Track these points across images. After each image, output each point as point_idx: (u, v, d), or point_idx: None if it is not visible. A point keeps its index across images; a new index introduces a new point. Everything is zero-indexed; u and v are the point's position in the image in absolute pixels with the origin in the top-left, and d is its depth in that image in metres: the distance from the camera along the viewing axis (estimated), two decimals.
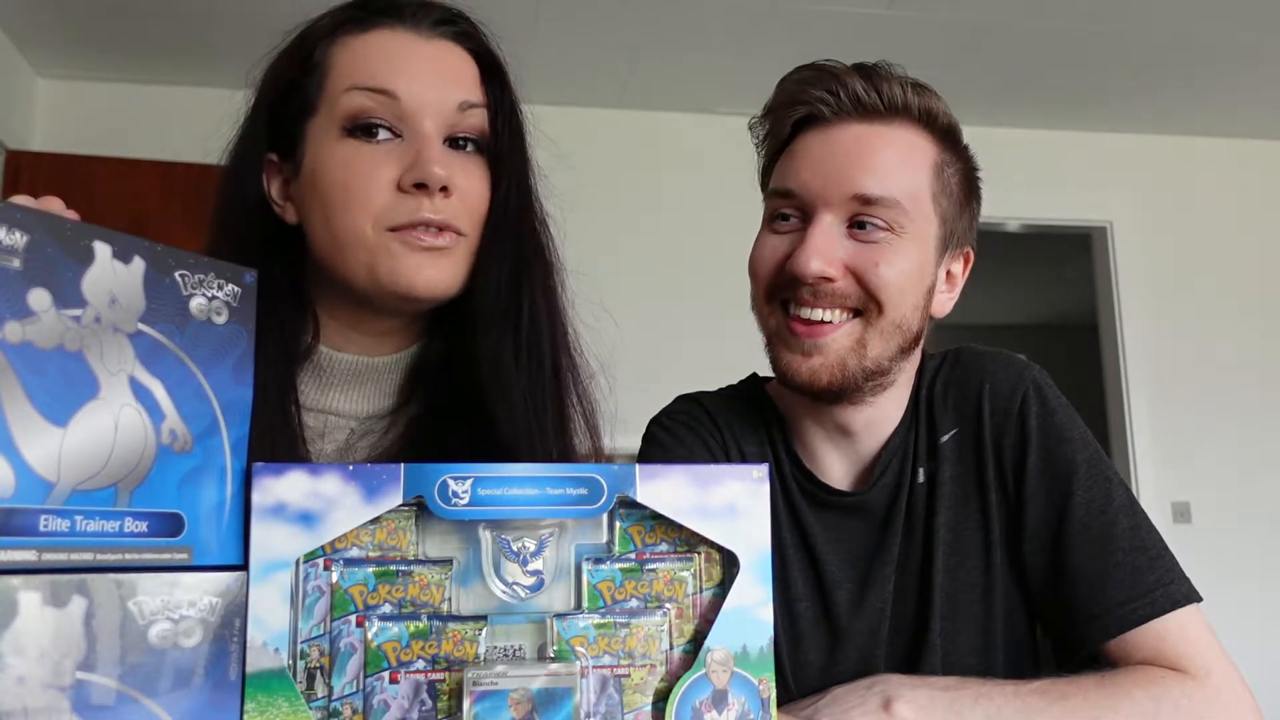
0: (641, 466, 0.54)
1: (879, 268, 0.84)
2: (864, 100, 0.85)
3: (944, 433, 0.91)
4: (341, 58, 0.78)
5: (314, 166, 0.77)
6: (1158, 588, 0.81)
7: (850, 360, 0.85)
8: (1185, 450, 3.58)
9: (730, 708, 0.54)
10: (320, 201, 0.77)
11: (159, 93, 3.11)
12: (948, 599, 0.88)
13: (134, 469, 0.47)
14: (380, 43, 0.78)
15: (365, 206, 0.75)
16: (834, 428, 0.92)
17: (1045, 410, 0.88)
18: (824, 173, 0.85)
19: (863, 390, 0.88)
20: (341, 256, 0.77)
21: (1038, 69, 3.28)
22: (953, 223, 0.89)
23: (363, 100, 0.75)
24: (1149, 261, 3.69)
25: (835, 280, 0.84)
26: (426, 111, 0.77)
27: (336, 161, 0.76)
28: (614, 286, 4.11)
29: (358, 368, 0.81)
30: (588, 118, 3.47)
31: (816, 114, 0.87)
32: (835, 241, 0.85)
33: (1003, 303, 6.51)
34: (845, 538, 0.92)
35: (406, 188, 0.75)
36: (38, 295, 0.45)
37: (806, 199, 0.86)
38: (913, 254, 0.86)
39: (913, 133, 0.87)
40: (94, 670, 0.44)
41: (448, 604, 0.54)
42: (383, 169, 0.75)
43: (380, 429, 0.81)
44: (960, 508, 0.89)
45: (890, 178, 0.84)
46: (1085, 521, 0.84)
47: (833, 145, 0.86)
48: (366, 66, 0.77)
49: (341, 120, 0.76)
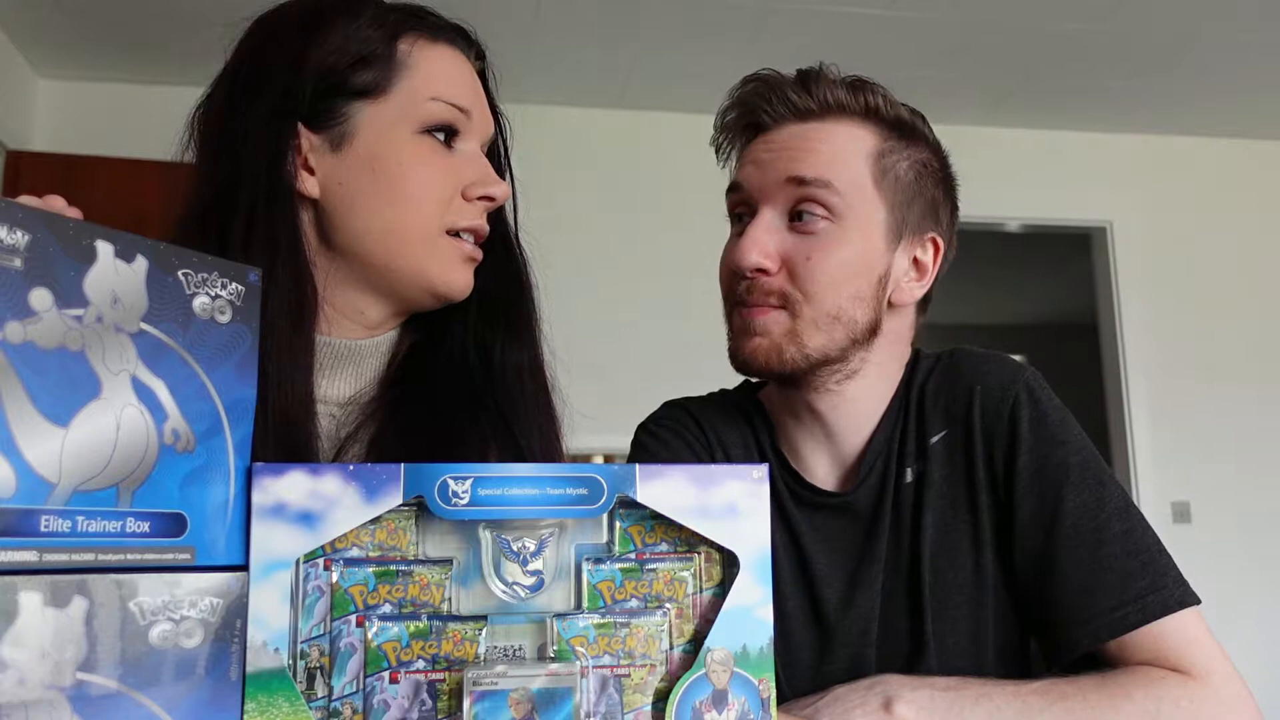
0: (641, 466, 0.55)
1: (809, 261, 0.86)
2: (797, 104, 0.90)
3: (934, 433, 0.91)
4: (424, 63, 0.80)
5: (379, 154, 0.78)
6: (1150, 593, 0.80)
7: (788, 347, 0.87)
8: (1185, 450, 3.58)
9: (730, 708, 0.54)
10: (383, 188, 0.77)
11: (159, 93, 3.11)
12: (937, 600, 0.88)
13: (136, 469, 0.47)
14: (454, 60, 0.82)
15: (438, 204, 0.79)
16: (812, 420, 0.93)
17: (1037, 413, 0.88)
18: (763, 166, 0.90)
19: (819, 375, 0.90)
20: (393, 247, 0.78)
21: (1038, 69, 3.28)
22: (903, 210, 0.90)
23: (444, 112, 0.80)
24: (1149, 261, 3.70)
25: (771, 273, 0.87)
26: (479, 134, 0.84)
27: (413, 155, 0.78)
28: (612, 286, 4.13)
29: (340, 351, 0.81)
30: (588, 118, 3.47)
31: (759, 121, 0.92)
32: (773, 235, 0.88)
33: (1003, 303, 6.51)
34: (833, 537, 0.92)
35: (472, 197, 0.81)
36: (39, 295, 0.45)
37: (750, 194, 0.91)
38: (855, 242, 0.88)
39: (851, 126, 0.90)
40: (95, 670, 0.44)
41: (448, 604, 0.54)
42: (454, 175, 0.80)
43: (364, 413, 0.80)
44: (949, 508, 0.89)
45: (823, 162, 0.87)
46: (1076, 525, 0.84)
47: (771, 144, 0.90)
48: (451, 82, 0.81)
49: (420, 122, 0.79)
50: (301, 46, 0.78)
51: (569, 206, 3.28)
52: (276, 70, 0.77)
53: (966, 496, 0.89)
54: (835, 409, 0.92)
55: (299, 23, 0.80)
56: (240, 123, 0.77)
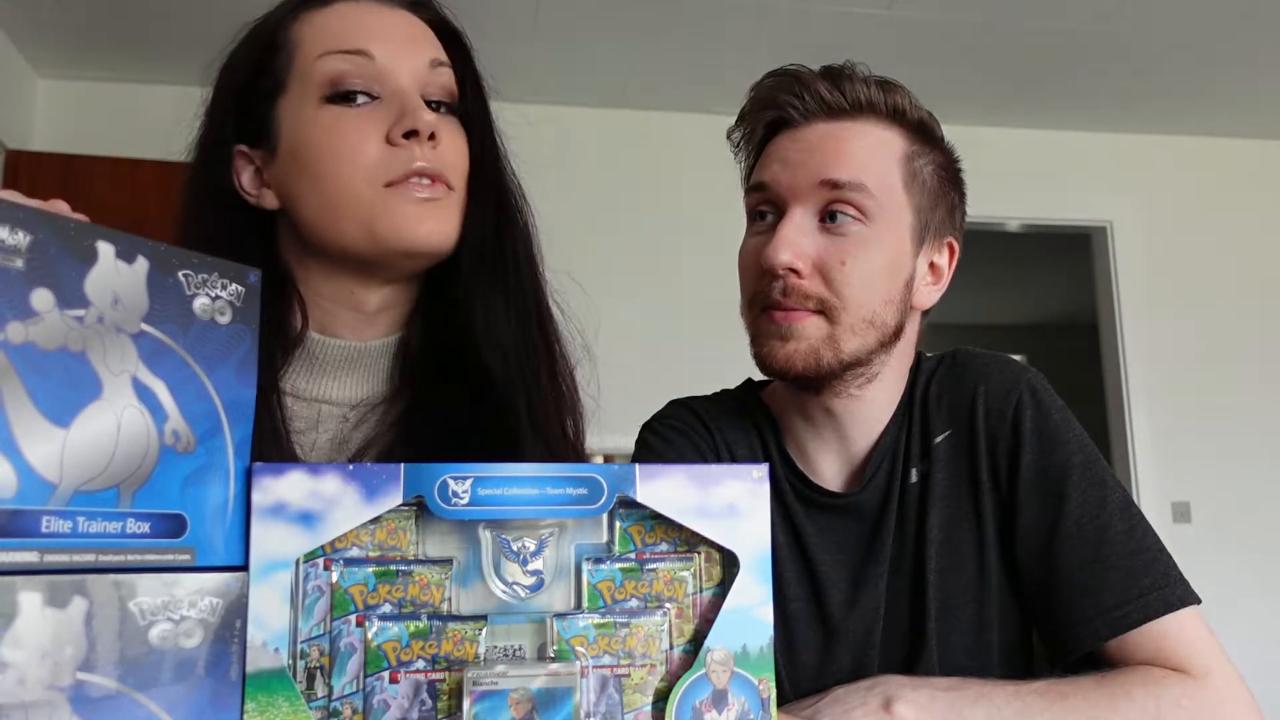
0: (641, 466, 0.55)
1: (844, 266, 0.85)
2: (829, 101, 0.88)
3: (938, 434, 0.91)
4: (308, 31, 0.79)
5: (295, 141, 0.77)
6: (1151, 591, 0.81)
7: (825, 352, 0.86)
8: (1185, 450, 3.58)
9: (730, 708, 0.54)
10: (309, 172, 0.77)
11: (159, 93, 3.11)
12: (941, 600, 0.88)
13: (136, 470, 0.47)
14: (345, 12, 0.79)
15: (357, 166, 0.75)
16: (824, 422, 0.93)
17: (1040, 413, 0.88)
18: (793, 165, 0.87)
19: (844, 380, 0.89)
20: (337, 222, 0.76)
21: (1038, 69, 3.28)
22: (927, 214, 0.90)
23: (339, 64, 0.76)
24: (1149, 261, 3.70)
25: (803, 275, 0.85)
26: (401, 70, 0.78)
27: (320, 129, 0.76)
28: (613, 286, 4.12)
29: (349, 353, 0.81)
30: (588, 118, 3.47)
31: (786, 117, 0.90)
32: (806, 235, 0.86)
33: (1003, 303, 6.51)
34: (838, 538, 0.92)
35: (396, 140, 0.76)
36: (40, 295, 0.45)
37: (778, 193, 0.88)
38: (886, 244, 0.87)
39: (879, 128, 0.89)
40: (94, 671, 0.44)
41: (448, 604, 0.54)
42: (369, 127, 0.76)
43: (375, 416, 0.80)
44: (953, 509, 0.90)
45: (857, 165, 0.86)
46: (1079, 525, 0.84)
47: (801, 142, 0.88)
48: (337, 33, 0.78)
49: (320, 88, 0.77)
50: (223, 74, 0.81)
51: (568, 206, 3.28)
52: (213, 103, 0.81)
53: (970, 497, 0.89)
54: (851, 412, 0.92)
55: (231, 48, 0.82)
56: (194, 158, 0.82)
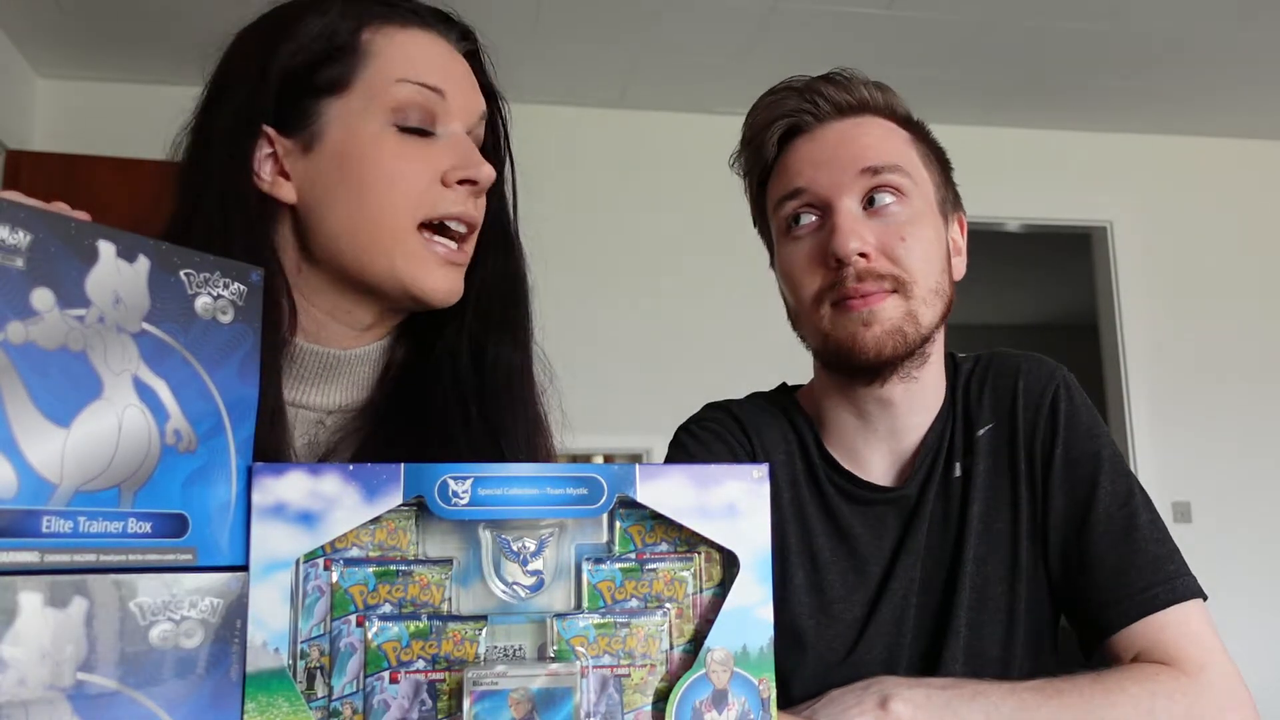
0: (641, 466, 0.55)
1: (905, 242, 0.89)
2: (839, 102, 0.93)
3: (981, 427, 0.95)
4: (387, 47, 0.77)
5: (347, 149, 0.75)
6: (1176, 576, 0.85)
7: (908, 329, 0.89)
8: (1185, 450, 3.58)
9: (730, 708, 0.54)
10: (353, 185, 0.75)
11: (159, 93, 3.11)
12: (975, 589, 0.90)
13: (138, 470, 0.47)
14: (425, 44, 0.79)
15: (408, 196, 0.75)
16: (878, 415, 0.94)
17: (1073, 407, 0.93)
18: (825, 164, 0.91)
19: (912, 359, 0.91)
20: (363, 245, 0.75)
21: (1038, 69, 3.28)
22: (943, 189, 0.96)
23: (417, 95, 0.76)
24: (1149, 261, 3.70)
25: (872, 259, 0.88)
26: (462, 115, 0.79)
27: (382, 150, 0.75)
28: (613, 286, 4.12)
29: (332, 360, 0.80)
30: (588, 118, 3.47)
31: (800, 124, 0.93)
32: (862, 223, 0.89)
33: (1003, 303, 6.51)
34: (883, 530, 0.95)
35: (450, 182, 0.77)
36: (41, 295, 0.45)
37: (818, 192, 0.91)
38: (927, 217, 0.92)
39: (883, 121, 0.94)
40: (94, 670, 0.44)
41: (448, 604, 0.54)
42: (430, 163, 0.77)
43: (351, 423, 0.79)
44: (993, 500, 0.93)
45: (885, 151, 0.91)
46: (1110, 511, 0.88)
47: (824, 143, 0.92)
48: (418, 63, 0.77)
49: (391, 111, 0.76)
50: (266, 52, 0.77)
51: (568, 206, 3.28)
52: (243, 78, 0.77)
53: (1008, 488, 0.93)
54: (910, 396, 0.94)
55: (266, 29, 0.79)
56: (205, 133, 0.78)
